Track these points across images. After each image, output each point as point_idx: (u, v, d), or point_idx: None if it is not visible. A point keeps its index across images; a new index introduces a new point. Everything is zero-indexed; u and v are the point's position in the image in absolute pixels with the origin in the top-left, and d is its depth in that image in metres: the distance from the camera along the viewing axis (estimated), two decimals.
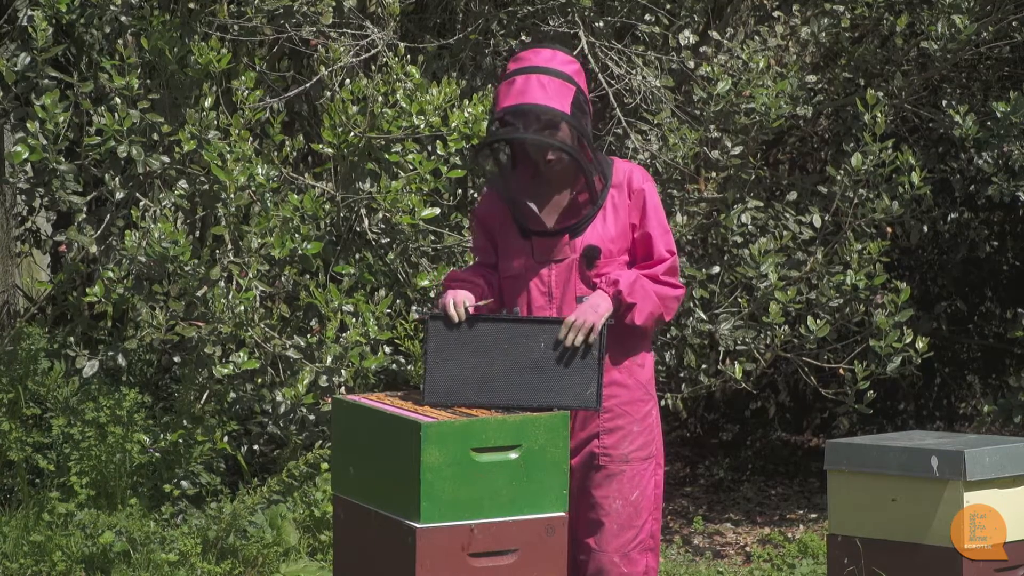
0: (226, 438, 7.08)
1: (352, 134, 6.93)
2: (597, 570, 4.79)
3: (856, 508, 5.60)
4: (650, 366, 4.89)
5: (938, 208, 8.74)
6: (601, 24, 7.55)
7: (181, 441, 6.98)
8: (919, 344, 7.28)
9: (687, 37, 7.62)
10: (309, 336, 6.94)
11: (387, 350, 7.05)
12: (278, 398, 7.01)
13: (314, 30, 7.15)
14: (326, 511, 6.79)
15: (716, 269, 7.55)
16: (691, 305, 7.44)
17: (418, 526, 4.37)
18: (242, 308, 6.70)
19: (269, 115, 7.06)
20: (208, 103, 6.84)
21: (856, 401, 7.41)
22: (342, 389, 6.84)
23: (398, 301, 7.06)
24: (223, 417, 7.12)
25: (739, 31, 8.00)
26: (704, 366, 7.60)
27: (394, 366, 7.11)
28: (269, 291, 7.04)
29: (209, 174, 6.92)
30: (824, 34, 7.67)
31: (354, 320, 6.81)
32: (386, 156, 6.97)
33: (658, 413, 4.93)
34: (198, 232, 7.41)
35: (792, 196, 7.80)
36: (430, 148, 7.08)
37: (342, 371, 6.78)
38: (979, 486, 5.40)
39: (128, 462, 6.90)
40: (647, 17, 7.63)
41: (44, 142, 6.79)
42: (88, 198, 7.18)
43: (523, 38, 7.52)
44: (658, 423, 4.92)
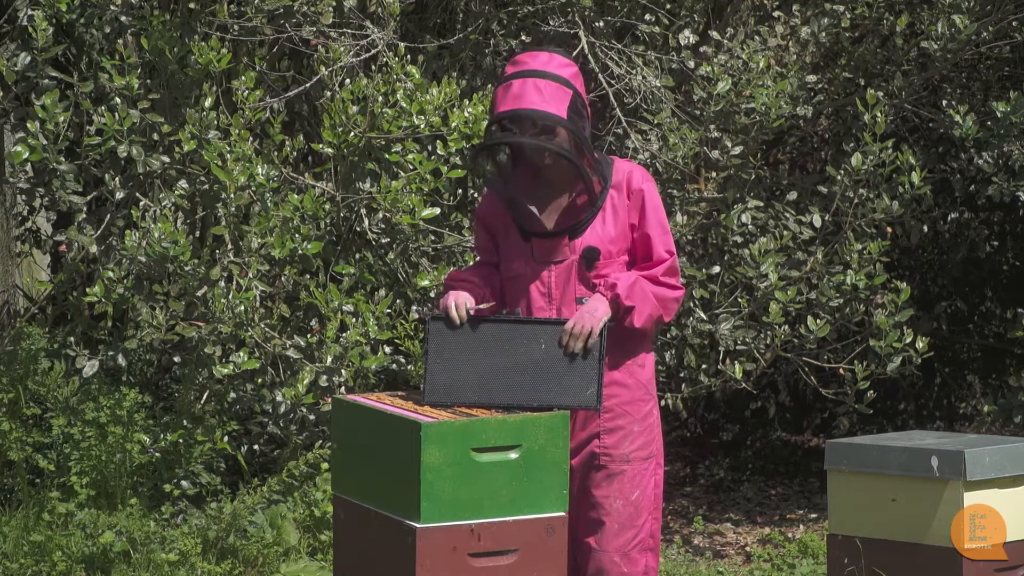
0: (226, 438, 7.07)
1: (352, 134, 6.93)
2: (597, 570, 4.79)
3: (856, 508, 5.59)
4: (650, 366, 4.89)
5: (938, 208, 8.74)
6: (601, 24, 7.55)
7: (181, 441, 6.98)
8: (919, 344, 7.28)
9: (687, 37, 7.62)
10: (309, 336, 6.94)
11: (387, 350, 7.05)
12: (278, 398, 7.01)
13: (314, 30, 7.15)
14: (326, 511, 6.79)
15: (716, 269, 7.54)
16: (691, 305, 7.43)
17: (418, 526, 4.37)
18: (242, 308, 6.70)
19: (269, 115, 7.06)
20: (208, 103, 6.84)
21: (856, 401, 7.41)
22: (342, 389, 6.83)
23: (398, 301, 7.06)
24: (223, 417, 7.11)
25: (739, 31, 8.00)
26: (704, 366, 7.59)
27: (394, 366, 7.10)
28: (269, 291, 7.04)
29: (209, 174, 6.91)
30: (824, 34, 7.67)
31: (354, 320, 6.81)
32: (386, 156, 6.96)
33: (658, 413, 4.93)
34: (198, 232, 7.40)
35: (792, 196, 7.80)
36: (430, 148, 7.07)
37: (342, 371, 6.78)
38: (979, 486, 5.39)
39: (128, 462, 6.90)
40: (647, 17, 7.62)
41: (44, 142, 6.79)
42: (88, 198, 7.18)
43: (523, 38, 7.52)
44: (658, 423, 4.92)
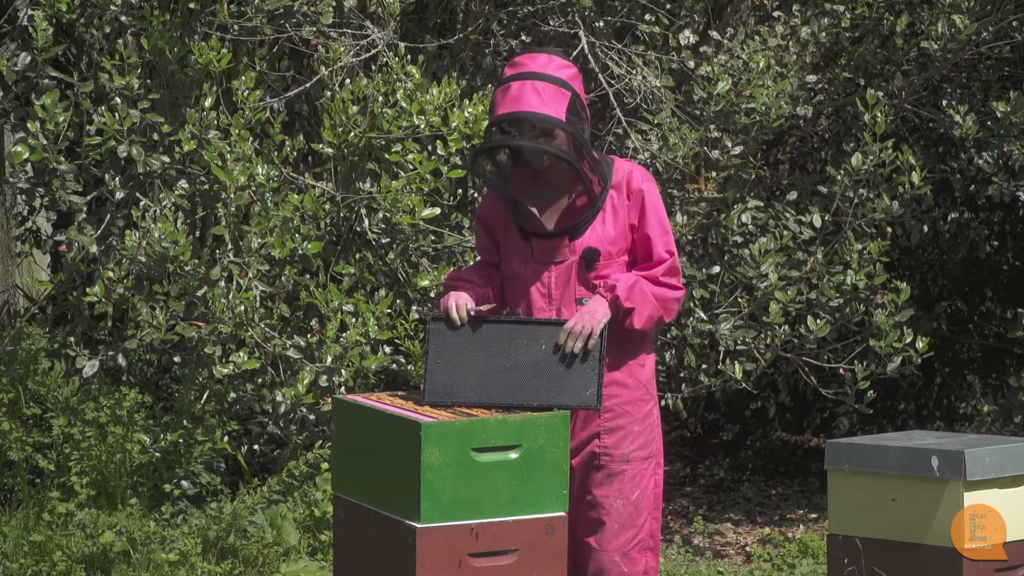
0: (226, 438, 7.07)
1: (352, 134, 6.93)
2: (597, 569, 4.79)
3: (856, 508, 5.59)
4: (651, 366, 4.89)
5: (938, 208, 8.74)
6: (601, 24, 7.54)
7: (181, 441, 6.98)
8: (919, 344, 7.27)
9: (687, 37, 7.62)
10: (309, 336, 6.94)
11: (387, 350, 7.04)
12: (278, 398, 7.01)
13: (314, 30, 7.15)
14: (326, 511, 6.79)
15: (716, 269, 7.54)
16: (691, 305, 7.43)
17: (418, 526, 4.37)
18: (242, 308, 6.70)
19: (269, 115, 7.06)
20: (208, 103, 6.84)
21: (856, 401, 7.41)
22: (342, 389, 6.83)
23: (398, 301, 7.06)
24: (223, 417, 7.11)
25: (739, 31, 8.00)
26: (704, 366, 7.59)
27: (394, 366, 7.10)
28: (269, 291, 7.04)
29: (209, 174, 6.91)
30: (824, 34, 7.67)
31: (354, 320, 6.80)
32: (386, 156, 6.96)
33: (659, 413, 4.93)
34: (198, 232, 7.40)
35: (792, 196, 7.80)
36: (430, 148, 7.07)
37: (342, 371, 6.78)
38: (979, 486, 5.39)
39: (128, 462, 6.90)
40: (647, 17, 7.62)
41: (44, 142, 6.79)
42: (88, 198, 7.18)
43: (523, 38, 7.52)
44: (658, 423, 4.92)
